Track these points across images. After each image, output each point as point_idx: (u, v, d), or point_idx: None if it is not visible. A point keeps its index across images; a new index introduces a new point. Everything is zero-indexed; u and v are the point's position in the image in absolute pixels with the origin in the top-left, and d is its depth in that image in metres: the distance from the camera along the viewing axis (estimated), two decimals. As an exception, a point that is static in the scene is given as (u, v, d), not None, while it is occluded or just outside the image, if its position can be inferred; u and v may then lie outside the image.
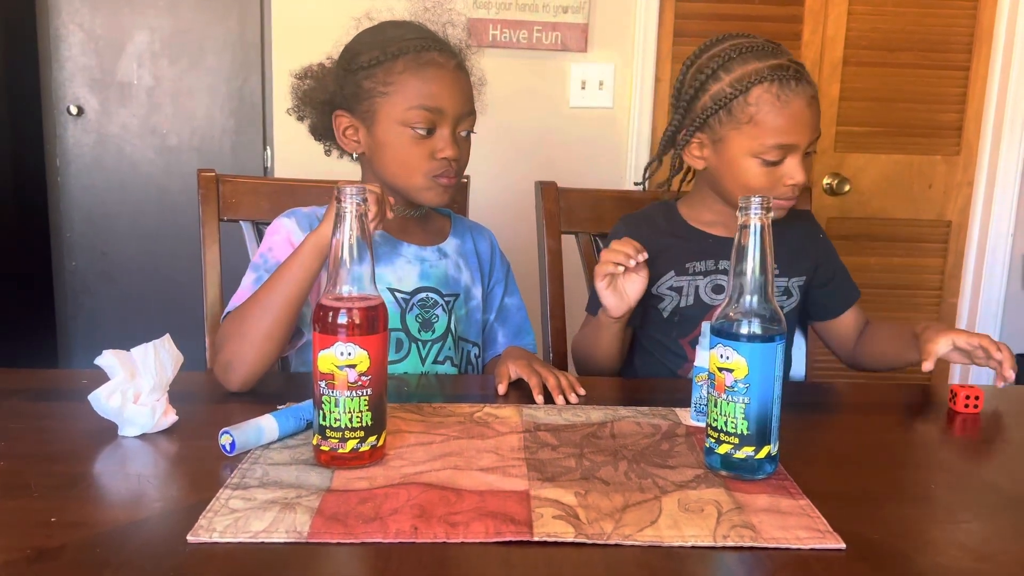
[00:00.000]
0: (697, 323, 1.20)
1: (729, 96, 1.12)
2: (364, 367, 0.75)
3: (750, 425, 0.76)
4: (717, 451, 0.78)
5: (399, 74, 1.09)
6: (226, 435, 0.79)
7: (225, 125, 2.81)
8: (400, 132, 1.10)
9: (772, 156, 1.12)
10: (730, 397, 0.76)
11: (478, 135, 1.16)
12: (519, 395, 1.02)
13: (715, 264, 1.21)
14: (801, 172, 1.13)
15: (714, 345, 0.77)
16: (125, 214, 2.84)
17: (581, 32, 2.21)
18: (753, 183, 1.13)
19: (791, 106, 1.11)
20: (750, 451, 0.76)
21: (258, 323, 0.98)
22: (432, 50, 1.10)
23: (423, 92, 1.09)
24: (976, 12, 2.30)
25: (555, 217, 1.39)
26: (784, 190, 1.14)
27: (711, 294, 1.21)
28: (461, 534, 0.65)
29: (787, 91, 1.10)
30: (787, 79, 1.11)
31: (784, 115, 1.10)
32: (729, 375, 0.76)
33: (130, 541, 0.63)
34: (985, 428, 1.00)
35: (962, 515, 0.73)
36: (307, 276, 1.00)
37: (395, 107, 1.09)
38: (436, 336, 1.16)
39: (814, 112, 1.13)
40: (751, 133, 1.12)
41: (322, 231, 0.99)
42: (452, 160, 1.11)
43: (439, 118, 1.10)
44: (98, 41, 2.75)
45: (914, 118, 2.35)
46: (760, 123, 1.11)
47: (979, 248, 2.41)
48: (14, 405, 0.93)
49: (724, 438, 0.77)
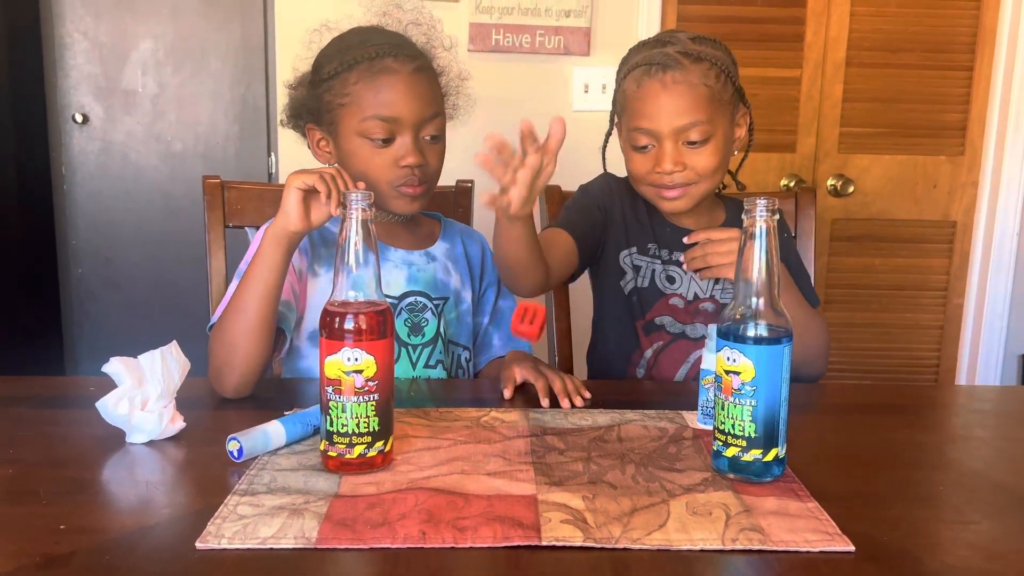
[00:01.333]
0: (650, 307, 1.22)
1: (619, 82, 1.20)
2: (371, 372, 0.75)
3: (758, 428, 0.76)
4: (725, 454, 0.78)
5: (353, 85, 1.09)
6: (234, 441, 0.79)
7: (229, 131, 2.82)
8: (360, 143, 1.09)
9: (639, 142, 1.15)
10: (737, 400, 0.76)
11: (481, 138, 1.16)
12: (525, 399, 1.02)
13: (669, 254, 1.22)
14: (668, 160, 1.13)
15: (720, 348, 0.77)
16: (130, 221, 2.85)
17: (583, 36, 2.22)
18: (632, 168, 1.19)
19: (647, 91, 1.14)
20: (758, 454, 0.76)
21: (236, 326, 0.98)
22: (387, 56, 1.09)
23: (376, 102, 1.08)
24: (979, 12, 2.29)
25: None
26: (657, 177, 1.15)
27: (664, 282, 1.22)
28: (469, 539, 0.65)
29: (648, 78, 1.14)
30: (652, 67, 1.14)
31: (642, 101, 1.14)
32: (736, 378, 0.76)
33: (138, 547, 0.63)
34: (991, 427, 1.00)
35: (971, 515, 0.73)
36: (272, 270, 0.98)
37: (352, 118, 1.09)
38: (426, 340, 1.15)
39: (677, 98, 1.12)
40: (625, 119, 1.19)
41: (277, 223, 0.98)
42: (415, 168, 1.09)
43: (396, 126, 1.08)
44: (102, 49, 2.76)
45: (918, 119, 2.34)
46: (631, 111, 1.16)
47: (984, 248, 2.40)
48: (22, 412, 0.93)
49: (732, 441, 0.77)
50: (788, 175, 2.35)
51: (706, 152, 1.14)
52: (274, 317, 1.01)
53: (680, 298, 1.21)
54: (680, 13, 2.26)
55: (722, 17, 2.25)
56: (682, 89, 1.12)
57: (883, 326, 2.44)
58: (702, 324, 1.20)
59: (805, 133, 2.32)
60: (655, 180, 1.16)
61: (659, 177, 1.15)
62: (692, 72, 1.12)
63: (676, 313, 1.21)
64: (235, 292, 1.01)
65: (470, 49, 2.19)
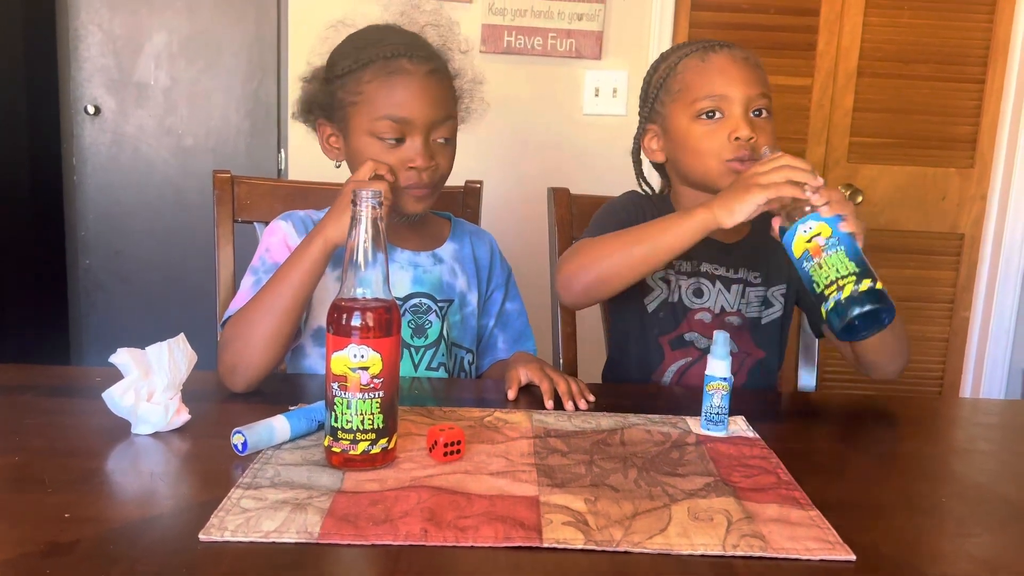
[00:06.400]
0: (677, 323, 1.20)
1: (663, 76, 1.19)
2: (377, 369, 0.76)
3: (857, 261, 0.89)
4: (843, 296, 0.87)
5: (367, 84, 1.08)
6: (238, 435, 0.80)
7: (240, 127, 2.83)
8: (370, 143, 1.09)
9: (707, 106, 1.12)
10: (828, 251, 0.90)
11: (491, 140, 1.16)
12: (529, 400, 1.02)
13: (696, 265, 1.20)
14: (745, 126, 1.10)
15: (793, 234, 0.93)
16: (139, 213, 2.86)
17: (596, 40, 2.22)
18: (701, 145, 1.13)
19: (714, 63, 1.14)
20: (869, 282, 0.87)
21: (263, 326, 0.98)
22: (402, 57, 1.08)
23: (389, 102, 1.07)
24: (992, 26, 2.29)
25: (567, 223, 1.40)
26: (735, 147, 1.11)
27: (692, 297, 1.20)
28: (471, 538, 0.65)
29: (709, 53, 1.15)
30: (710, 46, 1.16)
31: (709, 71, 1.14)
32: (819, 238, 0.91)
33: (142, 538, 0.64)
34: (995, 440, 1.00)
35: (973, 528, 0.73)
36: (313, 278, 0.99)
37: (364, 117, 1.08)
38: (429, 342, 1.15)
39: (745, 68, 1.13)
40: (686, 98, 1.15)
41: (328, 234, 0.98)
42: (422, 170, 1.08)
43: (408, 128, 1.08)
44: (116, 41, 2.77)
45: (928, 130, 2.34)
46: (690, 84, 1.15)
47: (992, 261, 2.39)
48: (29, 401, 0.94)
49: (843, 282, 0.87)
50: (797, 183, 2.34)
51: (770, 126, 1.13)
52: (300, 320, 1.01)
53: (708, 312, 1.19)
54: (692, 20, 2.26)
55: (735, 24, 2.25)
56: (750, 63, 1.15)
57: (888, 337, 2.43)
58: None
59: (815, 142, 2.32)
60: (732, 151, 1.11)
61: (736, 147, 1.10)
62: (751, 54, 1.17)
63: (703, 328, 1.19)
64: (265, 292, 1.00)
65: (482, 50, 2.20)
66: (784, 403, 1.16)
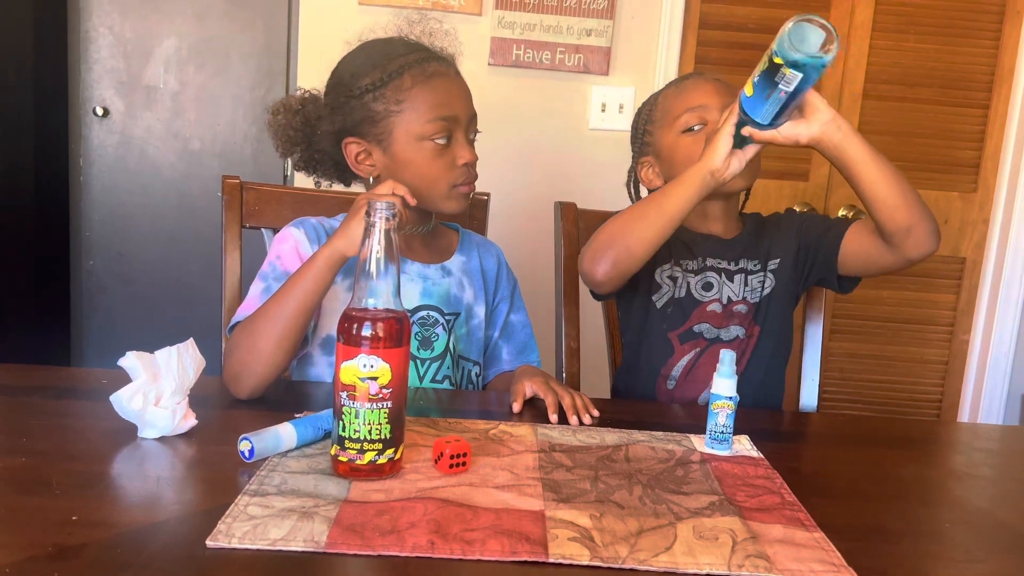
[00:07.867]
0: (686, 317, 1.24)
1: (647, 112, 1.30)
2: (386, 380, 0.76)
3: None
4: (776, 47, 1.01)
5: (408, 90, 1.10)
6: (245, 441, 0.80)
7: (247, 132, 2.84)
8: (420, 147, 1.10)
9: (690, 120, 1.22)
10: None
11: (498, 152, 1.18)
12: (533, 413, 1.02)
13: (702, 262, 1.26)
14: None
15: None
16: (144, 216, 2.87)
17: (604, 55, 2.23)
18: (692, 153, 1.20)
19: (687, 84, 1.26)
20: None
21: (268, 334, 0.99)
22: (432, 61, 1.12)
23: (436, 102, 1.10)
24: (997, 51, 2.31)
25: (573, 238, 1.40)
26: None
27: (701, 290, 1.25)
28: (477, 551, 0.65)
29: (682, 81, 1.28)
30: (683, 77, 1.29)
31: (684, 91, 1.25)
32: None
33: (150, 543, 0.64)
34: (1000, 467, 1.00)
35: (977, 554, 0.73)
36: (320, 288, 1.00)
37: (412, 123, 1.10)
38: (435, 355, 1.15)
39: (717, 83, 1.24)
40: (668, 119, 1.25)
41: (337, 245, 0.99)
42: (471, 165, 1.13)
43: (454, 125, 1.11)
44: (126, 45, 2.79)
45: (932, 154, 2.35)
46: (670, 107, 1.25)
47: (993, 286, 2.40)
48: (35, 402, 0.94)
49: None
50: (800, 203, 2.35)
51: None
52: (306, 329, 1.02)
53: (718, 303, 1.25)
54: (700, 38, 2.27)
55: (742, 44, 2.26)
56: (721, 82, 1.25)
57: (888, 358, 2.44)
58: (736, 326, 1.24)
59: (819, 162, 2.33)
60: None
61: None
62: (721, 78, 1.26)
63: (713, 319, 1.25)
64: (273, 301, 1.01)
65: (491, 63, 2.21)
66: (787, 423, 1.17)
